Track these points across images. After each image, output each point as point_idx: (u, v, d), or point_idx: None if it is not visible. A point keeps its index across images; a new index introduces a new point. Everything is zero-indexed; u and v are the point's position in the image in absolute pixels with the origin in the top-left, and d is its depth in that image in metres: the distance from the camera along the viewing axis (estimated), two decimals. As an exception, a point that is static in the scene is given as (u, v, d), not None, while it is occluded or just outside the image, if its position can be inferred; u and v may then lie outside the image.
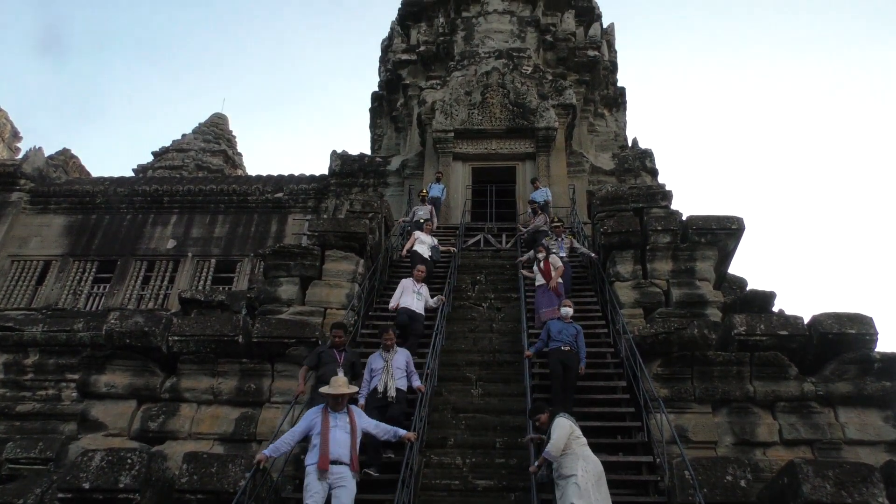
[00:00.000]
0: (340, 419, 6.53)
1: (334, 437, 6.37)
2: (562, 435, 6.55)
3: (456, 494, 8.03)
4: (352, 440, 6.45)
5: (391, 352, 8.39)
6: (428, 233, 12.94)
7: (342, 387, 6.64)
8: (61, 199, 20.41)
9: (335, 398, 6.58)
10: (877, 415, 8.64)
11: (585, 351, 9.07)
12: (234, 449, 8.55)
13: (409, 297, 10.30)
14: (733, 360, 8.92)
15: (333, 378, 6.77)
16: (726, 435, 8.61)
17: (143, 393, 9.29)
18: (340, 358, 8.25)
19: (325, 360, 8.24)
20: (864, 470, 6.25)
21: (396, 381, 8.13)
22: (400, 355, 8.42)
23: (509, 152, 18.05)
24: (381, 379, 8.11)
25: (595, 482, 6.29)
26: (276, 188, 20.31)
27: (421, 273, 10.75)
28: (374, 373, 8.23)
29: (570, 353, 8.87)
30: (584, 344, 9.13)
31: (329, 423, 6.46)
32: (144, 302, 18.86)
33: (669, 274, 11.21)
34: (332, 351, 8.32)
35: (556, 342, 8.96)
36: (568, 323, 9.26)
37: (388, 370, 8.17)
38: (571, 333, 9.06)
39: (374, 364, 8.34)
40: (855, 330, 8.90)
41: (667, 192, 13.59)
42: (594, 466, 6.43)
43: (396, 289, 10.68)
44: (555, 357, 8.87)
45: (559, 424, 6.67)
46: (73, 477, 6.55)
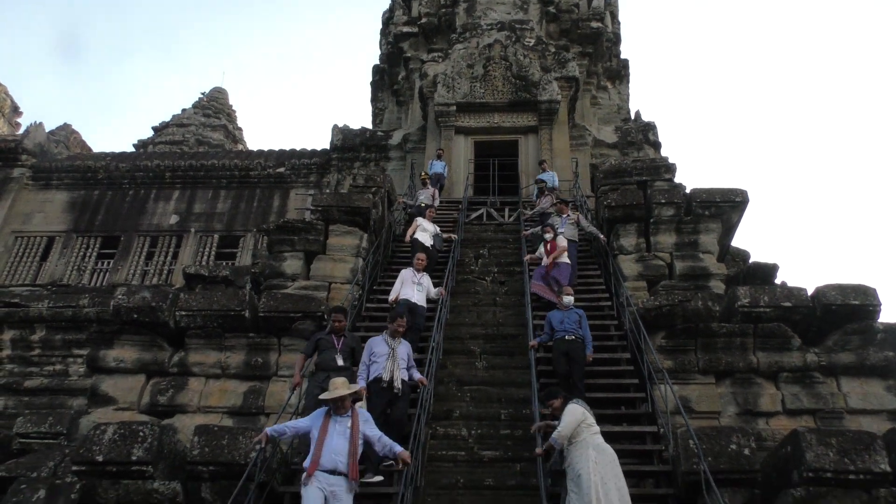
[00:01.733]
0: (341, 424, 6.08)
1: (330, 443, 5.94)
2: (571, 422, 6.27)
3: (462, 465, 8.13)
4: (351, 447, 5.97)
5: (396, 339, 7.93)
6: (430, 219, 12.45)
7: (340, 389, 6.16)
8: (63, 174, 20.36)
9: (335, 402, 6.14)
10: (879, 384, 8.75)
11: (591, 336, 8.80)
12: (243, 422, 8.66)
13: (409, 288, 9.81)
14: (737, 331, 9.00)
15: (331, 381, 6.30)
16: (729, 405, 8.71)
17: (152, 367, 9.39)
18: (339, 344, 7.88)
19: (322, 346, 7.90)
20: (866, 438, 6.33)
21: (401, 371, 7.73)
22: (404, 346, 7.98)
23: (512, 126, 17.97)
24: (386, 367, 7.62)
25: (606, 474, 5.96)
26: (278, 163, 20.26)
27: (422, 262, 10.26)
28: (376, 357, 7.75)
29: (575, 342, 8.58)
30: (588, 329, 8.83)
31: (328, 426, 6.05)
32: (148, 278, 18.92)
33: (673, 247, 11.24)
34: (330, 337, 7.95)
35: (560, 332, 8.71)
36: (569, 311, 8.95)
37: (394, 359, 7.71)
38: (574, 321, 8.77)
39: (375, 348, 7.85)
40: (858, 301, 8.96)
41: (670, 165, 13.57)
42: (606, 456, 6.11)
43: (396, 280, 10.17)
44: (557, 349, 8.63)
45: (570, 411, 6.39)
46: (87, 450, 6.65)
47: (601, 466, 5.96)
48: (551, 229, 11.33)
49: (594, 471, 5.90)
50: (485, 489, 7.72)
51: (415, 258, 10.42)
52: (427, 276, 10.18)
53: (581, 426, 6.23)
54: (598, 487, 5.80)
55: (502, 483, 7.77)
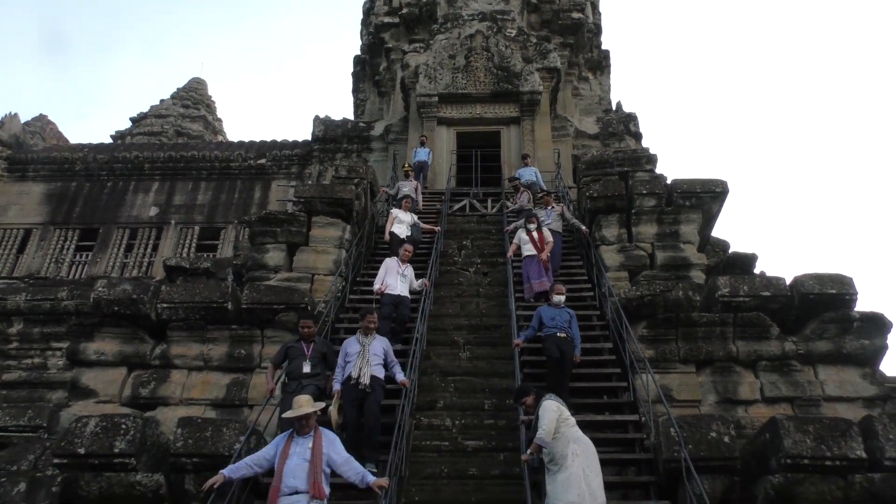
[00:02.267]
0: (301, 446, 5.79)
1: (289, 467, 5.68)
2: (551, 419, 6.28)
3: (446, 455, 8.17)
4: (311, 467, 5.67)
5: (369, 336, 7.74)
6: (406, 209, 12.20)
7: (304, 407, 5.89)
8: (39, 166, 20.07)
9: (299, 420, 5.84)
10: (855, 372, 8.90)
11: (580, 337, 8.75)
12: (227, 414, 8.63)
13: (394, 278, 9.69)
14: (717, 321, 9.11)
15: (295, 399, 6.04)
16: (710, 394, 8.83)
17: (133, 360, 9.32)
18: (309, 350, 7.69)
19: (292, 354, 7.69)
20: (843, 425, 6.46)
21: (372, 367, 7.48)
22: (378, 342, 7.76)
23: (494, 117, 17.98)
24: (356, 365, 7.42)
25: (587, 465, 6.05)
26: (259, 154, 20.12)
27: (408, 254, 10.17)
28: (349, 357, 7.59)
29: (566, 339, 8.50)
30: (578, 330, 8.77)
31: (288, 449, 5.78)
32: (128, 270, 18.74)
33: (654, 237, 11.34)
34: (300, 344, 7.75)
35: (551, 329, 8.61)
36: (560, 309, 8.86)
37: (364, 355, 7.49)
38: (565, 319, 8.69)
39: (349, 348, 7.69)
40: (835, 290, 9.11)
41: (651, 155, 13.69)
42: (585, 447, 6.19)
43: (380, 268, 10.05)
44: (551, 342, 8.50)
45: (546, 408, 6.38)
46: (68, 443, 6.60)
47: (582, 458, 6.03)
48: (536, 220, 11.27)
49: (577, 464, 5.97)
50: (469, 479, 7.76)
51: (401, 249, 10.29)
52: (410, 267, 10.10)
53: (559, 421, 6.26)
54: (580, 480, 5.88)
55: (486, 472, 7.82)
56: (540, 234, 10.94)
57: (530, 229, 11.03)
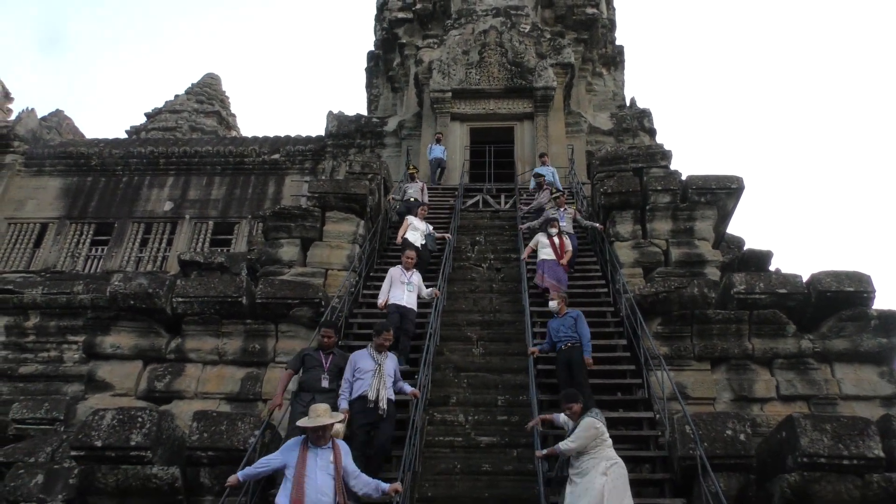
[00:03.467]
0: (322, 457, 5.47)
1: (312, 480, 5.33)
2: (585, 437, 6.02)
3: (459, 451, 8.18)
4: (336, 485, 5.39)
5: (383, 354, 7.29)
6: (421, 218, 11.89)
7: (322, 417, 5.56)
8: (56, 161, 20.22)
9: (315, 431, 5.51)
10: (872, 370, 8.82)
11: (590, 338, 8.37)
12: (241, 408, 8.67)
13: (399, 289, 9.23)
14: (732, 318, 9.06)
15: (312, 407, 5.69)
16: (724, 391, 8.78)
17: (149, 354, 9.38)
18: (327, 362, 7.26)
19: (309, 363, 7.25)
20: (860, 423, 6.40)
21: (388, 389, 7.07)
22: (391, 361, 7.35)
23: (507, 112, 17.93)
24: (372, 385, 6.95)
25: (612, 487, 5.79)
26: (273, 149, 20.16)
27: (410, 260, 9.63)
28: (360, 373, 7.11)
29: (573, 348, 8.23)
30: (587, 330, 8.39)
31: (307, 460, 5.41)
32: (143, 264, 18.85)
33: (669, 234, 11.29)
34: (317, 353, 7.32)
35: (558, 342, 8.39)
36: (563, 317, 8.57)
37: (380, 376, 7.03)
38: (569, 326, 8.39)
39: (360, 363, 7.19)
40: (853, 288, 9.02)
41: (666, 151, 13.61)
42: (616, 471, 5.91)
43: (384, 280, 9.56)
44: (559, 359, 8.30)
45: (587, 426, 6.09)
46: (85, 435, 6.66)
47: (610, 478, 5.81)
48: (556, 225, 11.02)
49: (601, 481, 5.77)
50: (482, 474, 7.77)
51: (403, 256, 9.84)
52: (417, 273, 9.65)
53: (595, 441, 6.02)
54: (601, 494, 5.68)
55: (499, 468, 7.82)
56: (561, 240, 10.74)
57: (551, 234, 10.81)
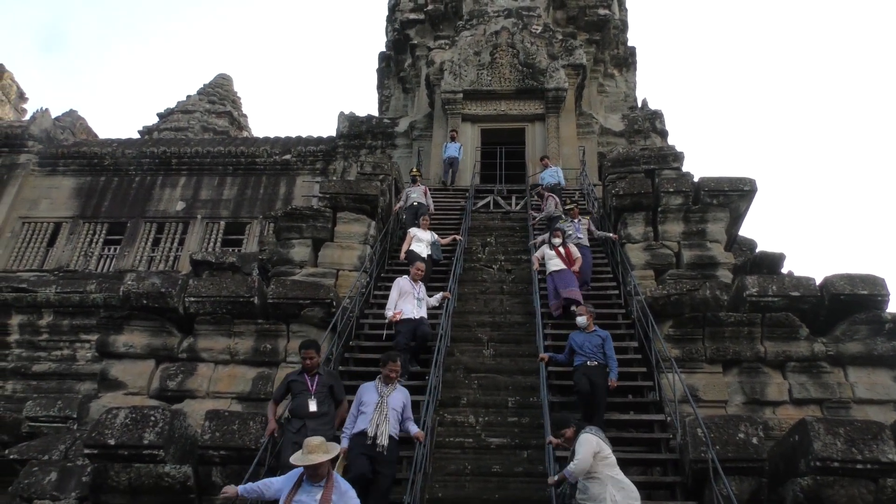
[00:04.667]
0: (310, 495, 5.10)
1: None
2: (587, 452, 5.82)
3: (469, 452, 8.19)
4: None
5: (390, 386, 6.84)
6: (425, 227, 11.57)
7: (315, 453, 5.12)
8: (70, 160, 20.37)
9: (311, 468, 5.14)
10: (886, 374, 8.76)
11: (616, 361, 8.09)
12: (253, 407, 8.70)
13: (409, 303, 9.05)
14: (745, 320, 9.01)
15: (306, 441, 5.28)
16: (736, 394, 8.74)
17: (161, 353, 9.45)
18: (313, 384, 6.87)
19: (295, 389, 6.90)
20: (874, 427, 6.36)
21: (391, 424, 6.62)
22: (398, 394, 6.86)
23: (519, 113, 17.92)
24: (372, 419, 6.54)
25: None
26: (284, 150, 20.24)
27: (420, 272, 9.47)
28: (364, 407, 6.70)
29: (598, 367, 7.92)
30: (613, 353, 8.10)
31: (295, 496, 5.12)
32: (155, 264, 18.97)
33: (681, 236, 11.25)
34: (302, 377, 6.92)
35: (581, 357, 8.04)
36: (590, 333, 8.26)
37: (382, 410, 6.61)
38: (596, 344, 8.09)
39: (364, 396, 6.78)
40: (867, 291, 8.97)
41: (678, 153, 13.57)
42: (626, 495, 5.70)
43: (392, 290, 9.33)
44: (580, 374, 7.94)
45: (584, 441, 5.92)
46: (99, 433, 6.71)
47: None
48: (560, 234, 10.75)
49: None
50: (492, 476, 7.77)
51: (413, 267, 9.60)
52: (423, 286, 9.49)
53: (596, 458, 5.82)
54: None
55: (510, 470, 7.83)
56: (567, 249, 10.48)
57: (555, 244, 10.51)
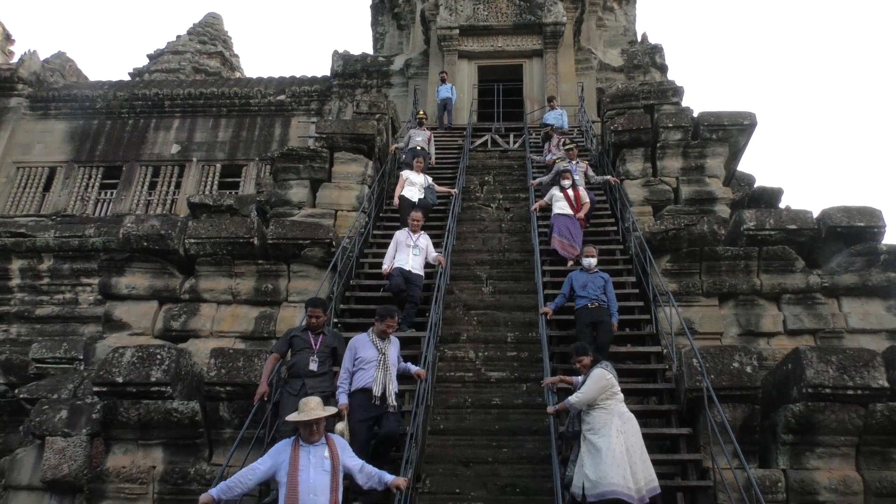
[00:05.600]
0: (316, 454, 4.96)
1: (306, 481, 4.84)
2: (595, 388, 5.83)
3: (470, 386, 8.39)
4: (332, 483, 4.90)
5: (386, 341, 6.56)
6: (419, 171, 11.14)
7: (315, 410, 5.06)
8: (61, 104, 20.09)
9: (308, 426, 5.01)
10: (880, 304, 8.89)
11: (617, 304, 8.01)
12: (256, 346, 8.81)
13: (404, 253, 8.78)
14: (741, 254, 9.09)
15: (303, 401, 5.19)
16: (732, 326, 8.89)
17: (164, 294, 9.53)
18: (316, 343, 6.59)
19: (297, 345, 6.61)
20: (866, 355, 6.49)
21: (395, 383, 6.44)
22: (394, 347, 6.63)
23: (516, 49, 17.63)
24: (377, 378, 6.30)
25: (631, 444, 5.66)
26: (279, 90, 19.96)
27: (416, 223, 9.12)
28: (362, 363, 6.41)
29: (600, 309, 7.81)
30: (614, 296, 8.01)
31: (299, 460, 4.91)
32: (152, 207, 18.93)
33: (679, 171, 11.24)
34: (306, 334, 6.63)
35: (583, 298, 7.90)
36: (593, 274, 8.12)
37: (385, 367, 6.37)
38: (599, 286, 7.94)
39: (361, 352, 6.46)
40: (863, 223, 9.02)
41: (678, 88, 13.44)
42: (630, 425, 5.79)
43: (389, 245, 9.08)
44: (582, 315, 7.87)
45: (597, 377, 5.90)
46: (107, 372, 6.84)
47: (627, 436, 5.69)
48: (570, 176, 10.41)
49: (621, 442, 5.62)
50: (492, 408, 7.98)
51: (409, 218, 9.25)
52: (425, 236, 9.19)
53: (606, 393, 5.84)
54: (624, 460, 5.53)
55: (509, 402, 8.03)
56: (576, 192, 10.17)
57: (565, 186, 10.23)
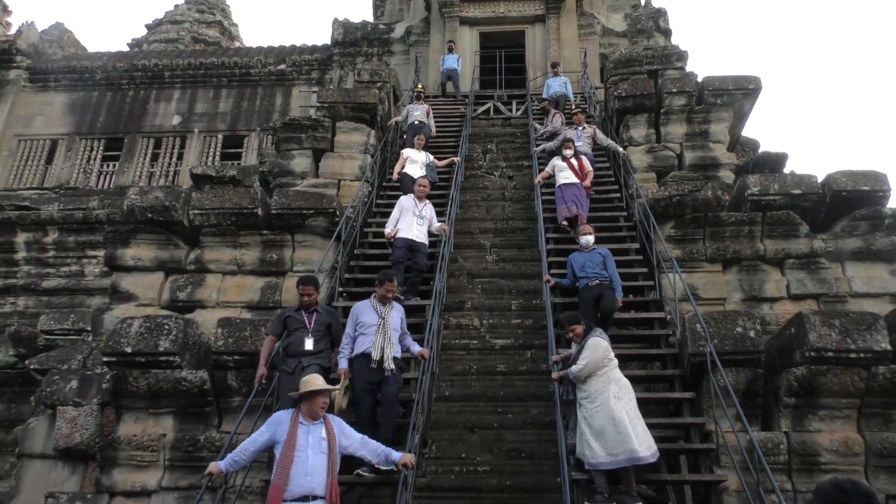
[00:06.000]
0: (314, 433, 4.85)
1: (303, 462, 4.72)
2: (595, 359, 5.99)
3: (475, 353, 8.47)
4: (329, 464, 4.79)
5: (387, 306, 6.56)
6: (420, 148, 10.93)
7: (315, 385, 4.98)
8: (60, 75, 19.94)
9: (313, 396, 4.91)
10: (884, 268, 8.90)
11: (619, 279, 7.95)
12: (262, 315, 8.88)
13: (409, 220, 8.66)
14: (745, 220, 9.09)
15: (304, 379, 5.11)
16: (735, 292, 8.92)
17: (170, 265, 9.58)
18: (310, 322, 6.48)
19: (291, 325, 6.49)
20: (869, 318, 6.52)
21: (394, 347, 6.41)
22: (396, 312, 6.62)
23: (518, 15, 17.40)
24: (376, 343, 6.30)
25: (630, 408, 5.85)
26: (279, 60, 19.78)
27: (423, 188, 9.03)
28: (363, 328, 6.42)
29: (601, 285, 7.78)
30: (615, 270, 7.95)
31: (297, 438, 4.80)
32: (155, 179, 18.90)
33: (683, 137, 11.18)
34: (299, 313, 6.53)
35: (583, 279, 7.91)
36: (590, 252, 8.12)
37: (385, 331, 6.36)
38: (597, 262, 7.95)
39: (362, 317, 6.48)
40: (868, 187, 8.99)
41: (682, 52, 13.29)
42: (626, 391, 5.97)
43: (394, 209, 8.95)
44: (584, 296, 7.84)
45: (594, 346, 6.06)
46: (115, 342, 6.92)
47: (624, 402, 5.85)
48: (572, 145, 10.26)
49: (619, 407, 5.79)
50: (497, 374, 8.08)
51: (415, 186, 9.18)
52: (430, 205, 9.08)
53: (603, 361, 6.02)
54: (626, 426, 5.69)
55: (514, 369, 8.12)
56: (579, 161, 10.04)
57: (567, 156, 10.10)
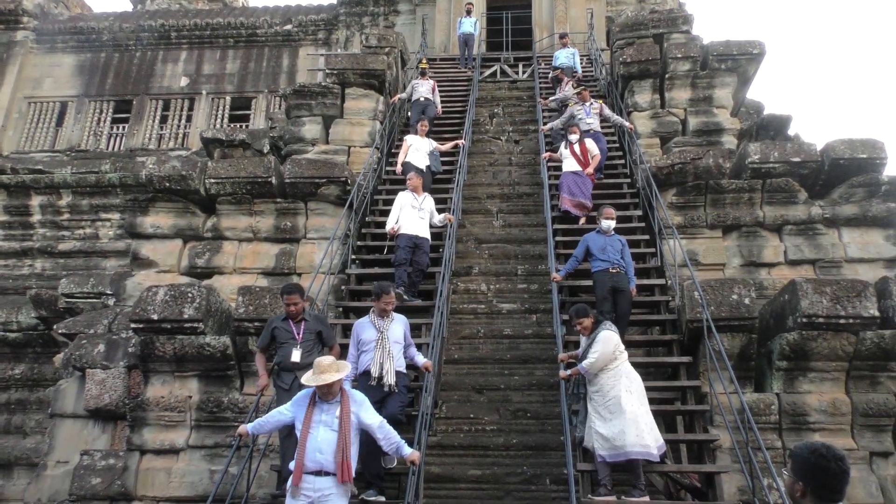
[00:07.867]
0: (328, 413, 4.98)
1: (314, 440, 4.89)
2: (606, 352, 5.91)
3: (482, 317, 8.85)
4: (340, 440, 4.88)
5: (387, 319, 6.39)
6: (423, 134, 10.56)
7: (327, 373, 4.95)
8: (67, 36, 19.97)
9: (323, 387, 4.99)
10: (879, 234, 9.16)
11: (633, 268, 7.82)
12: (277, 281, 9.24)
13: (410, 216, 8.45)
14: (745, 187, 9.32)
15: (316, 361, 5.08)
16: (734, 257, 9.21)
17: (188, 233, 9.91)
18: (299, 332, 6.31)
19: (280, 337, 6.34)
20: (859, 286, 6.85)
21: (395, 361, 6.23)
22: (397, 324, 6.45)
23: (525, -26, 17.28)
24: (375, 358, 6.16)
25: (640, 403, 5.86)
26: (285, 20, 19.73)
27: (415, 182, 8.77)
28: (364, 346, 6.32)
29: (620, 275, 7.51)
30: (631, 260, 7.81)
31: (312, 417, 4.97)
32: (164, 141, 19.08)
33: (687, 102, 11.32)
34: (287, 323, 6.37)
35: (603, 262, 7.58)
36: (611, 237, 7.80)
37: (384, 346, 6.21)
38: (617, 249, 7.66)
39: (362, 334, 6.37)
40: (866, 154, 9.18)
41: (688, 15, 13.31)
42: (637, 385, 5.95)
43: (393, 205, 8.75)
44: (602, 280, 7.53)
45: (605, 339, 5.97)
46: (142, 309, 7.31)
47: (635, 396, 5.87)
48: (577, 130, 10.02)
49: (632, 403, 5.80)
50: (504, 338, 8.46)
51: (407, 180, 8.97)
52: (429, 198, 8.89)
53: (614, 353, 5.98)
54: (638, 422, 5.72)
55: (520, 332, 8.50)
56: (583, 146, 9.76)
57: (572, 141, 9.81)
